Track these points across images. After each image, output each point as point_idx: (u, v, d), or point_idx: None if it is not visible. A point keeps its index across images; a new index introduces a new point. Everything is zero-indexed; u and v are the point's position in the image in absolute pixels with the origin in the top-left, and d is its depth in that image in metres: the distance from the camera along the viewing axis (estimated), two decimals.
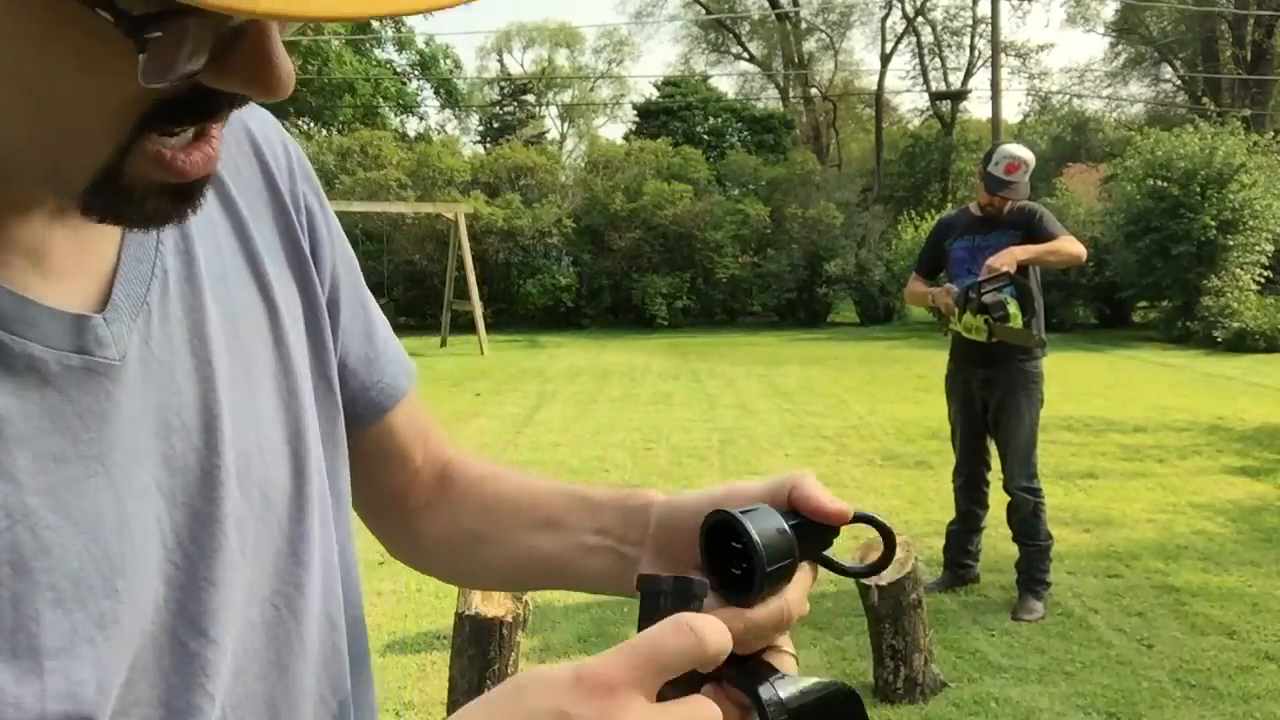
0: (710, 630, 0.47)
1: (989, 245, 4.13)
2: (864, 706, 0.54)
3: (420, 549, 0.79)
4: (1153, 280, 16.67)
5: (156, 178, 0.47)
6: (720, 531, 0.57)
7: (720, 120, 30.60)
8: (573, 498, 0.75)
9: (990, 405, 4.23)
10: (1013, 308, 3.96)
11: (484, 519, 0.78)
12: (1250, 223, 16.14)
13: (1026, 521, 4.16)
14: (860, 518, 0.61)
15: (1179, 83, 32.49)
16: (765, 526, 0.55)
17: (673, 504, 0.67)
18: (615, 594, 0.72)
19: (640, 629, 0.50)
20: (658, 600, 0.52)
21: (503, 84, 40.56)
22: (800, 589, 0.58)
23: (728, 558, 0.57)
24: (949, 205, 26.77)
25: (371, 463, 0.71)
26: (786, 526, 0.56)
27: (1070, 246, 4.06)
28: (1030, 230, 4.10)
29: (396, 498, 0.78)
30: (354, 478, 0.70)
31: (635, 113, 32.20)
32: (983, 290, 3.92)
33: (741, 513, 0.56)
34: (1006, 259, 3.90)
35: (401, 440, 0.76)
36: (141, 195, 0.47)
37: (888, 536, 0.63)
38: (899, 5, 36.59)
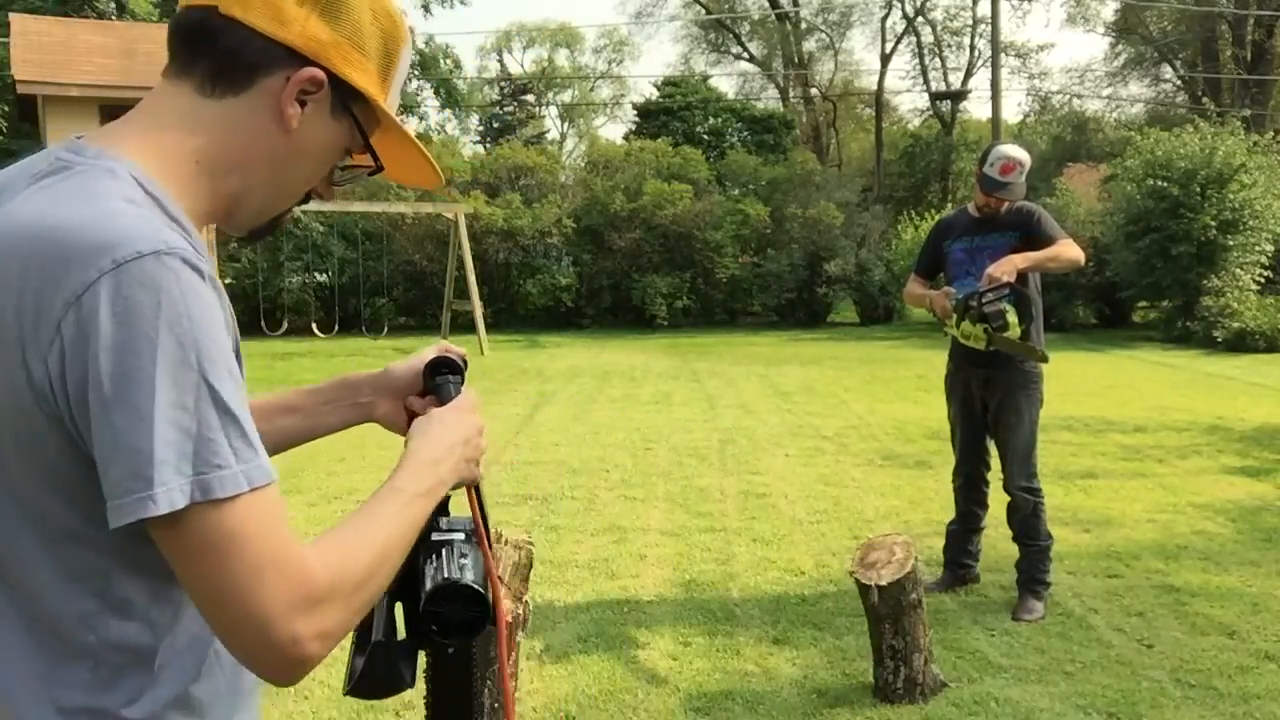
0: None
1: (987, 246, 4.12)
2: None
3: None
4: (1153, 280, 16.67)
5: (292, 216, 1.53)
6: (436, 367, 1.19)
7: (720, 120, 30.58)
8: (299, 392, 1.23)
9: (990, 405, 4.22)
10: (1011, 317, 3.94)
11: None
12: (1250, 223, 16.14)
13: (1026, 522, 4.16)
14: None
15: (1179, 83, 32.48)
16: (460, 361, 1.21)
17: (393, 365, 1.24)
18: (354, 426, 1.25)
19: (440, 396, 1.17)
20: (448, 380, 1.18)
21: (503, 84, 40.58)
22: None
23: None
24: (949, 205, 26.79)
25: None
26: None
27: (1069, 252, 4.03)
28: (1029, 231, 4.08)
29: None
30: None
31: (635, 113, 32.19)
32: (983, 299, 3.90)
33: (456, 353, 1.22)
34: (1007, 268, 3.88)
35: None
36: (282, 225, 1.05)
37: (464, 364, 1.22)
38: (899, 5, 36.59)
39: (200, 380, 0.80)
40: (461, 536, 1.08)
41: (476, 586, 1.03)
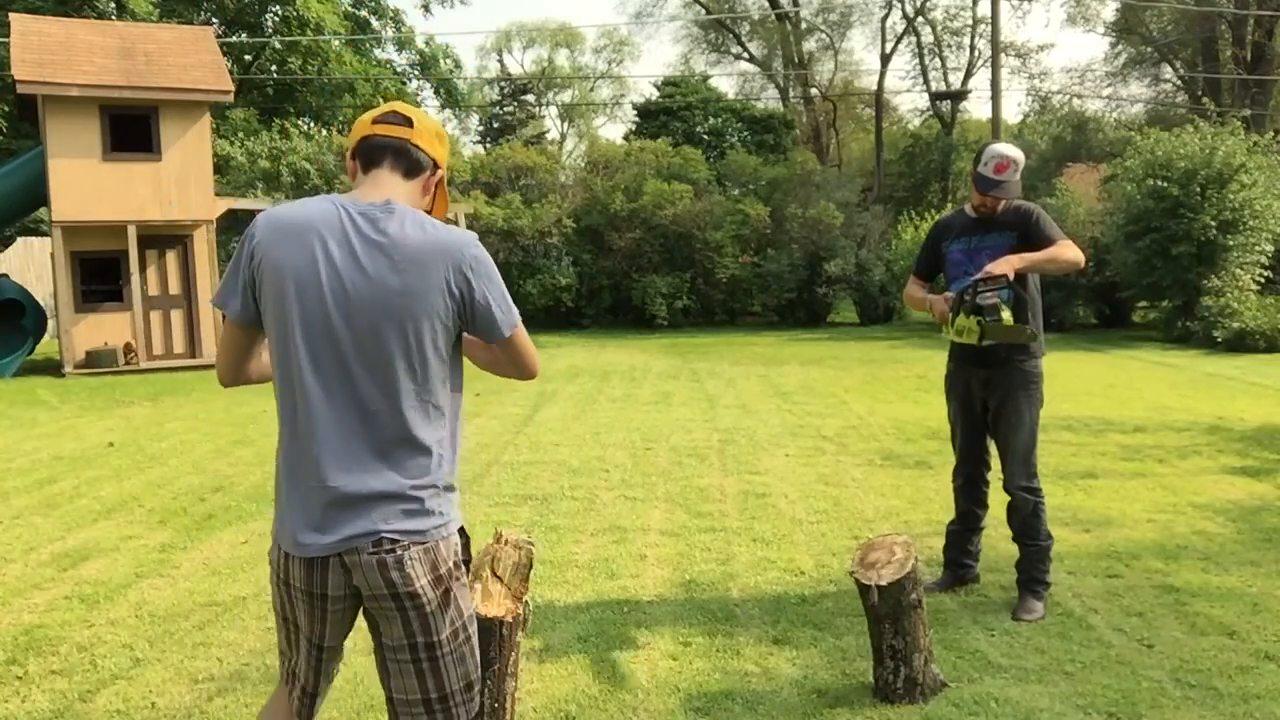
0: None
1: (985, 246, 4.11)
2: None
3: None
4: (1153, 280, 16.67)
5: None
6: None
7: (720, 120, 30.57)
8: None
9: (990, 405, 4.21)
10: (1005, 313, 3.92)
11: None
12: (1250, 223, 16.14)
13: (1026, 521, 4.16)
14: None
15: (1179, 83, 32.45)
16: None
17: None
18: None
19: None
20: None
21: (503, 84, 40.58)
22: None
23: None
24: (949, 205, 26.78)
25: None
26: None
27: (1068, 253, 3.99)
28: (1027, 231, 4.06)
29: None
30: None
31: (635, 113, 32.19)
32: (978, 291, 3.89)
33: None
34: (1004, 267, 3.87)
35: None
36: None
37: None
38: (899, 5, 36.61)
39: (503, 285, 2.07)
40: None
41: None
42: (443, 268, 1.95)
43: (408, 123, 2.09)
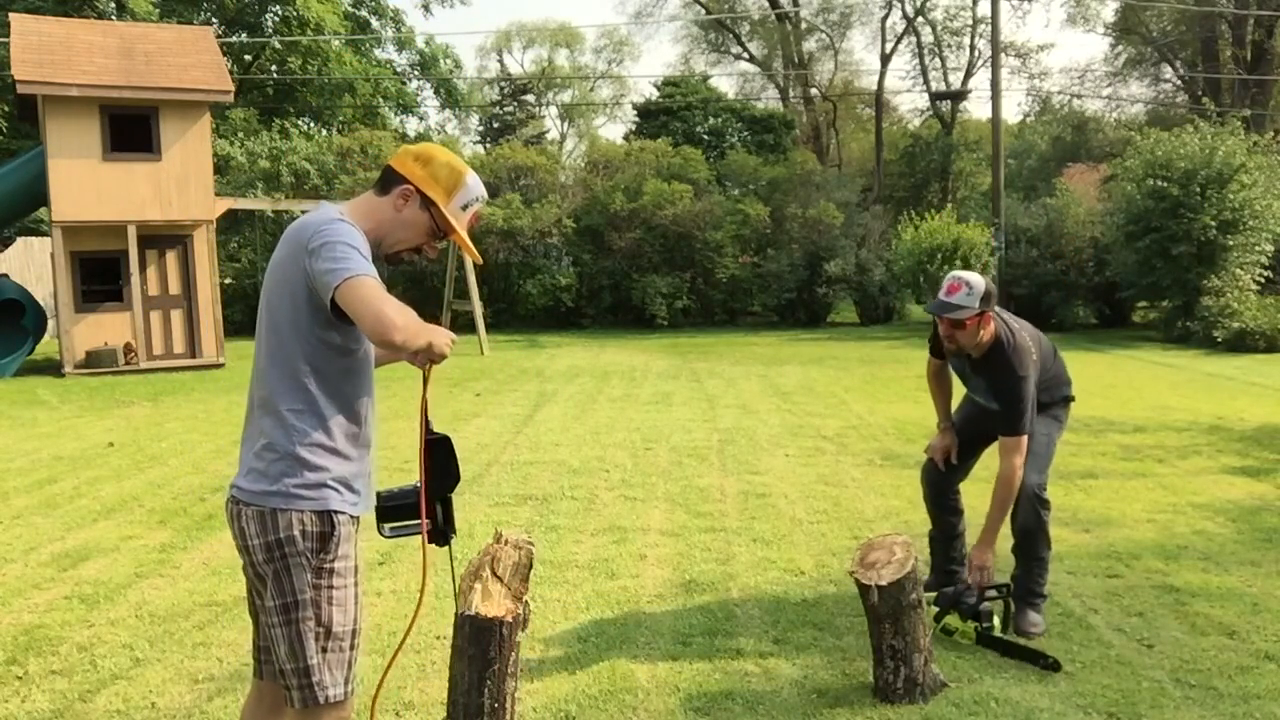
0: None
1: (975, 385, 4.07)
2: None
3: None
4: (1153, 280, 16.67)
5: (412, 257, 2.43)
6: None
7: (720, 120, 30.57)
8: None
9: None
10: (998, 619, 3.84)
11: None
12: (1250, 223, 16.14)
13: (1029, 533, 3.99)
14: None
15: (1179, 83, 32.44)
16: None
17: None
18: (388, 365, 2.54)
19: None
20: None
21: (503, 84, 40.58)
22: None
23: None
24: (949, 205, 26.76)
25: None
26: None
27: (1009, 489, 3.79)
28: (1000, 399, 3.89)
29: None
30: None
31: (635, 113, 32.18)
32: (975, 596, 3.80)
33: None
34: (983, 561, 3.79)
35: None
36: (399, 261, 2.41)
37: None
38: (899, 5, 36.58)
39: (350, 247, 2.10)
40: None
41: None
42: (297, 239, 2.17)
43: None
